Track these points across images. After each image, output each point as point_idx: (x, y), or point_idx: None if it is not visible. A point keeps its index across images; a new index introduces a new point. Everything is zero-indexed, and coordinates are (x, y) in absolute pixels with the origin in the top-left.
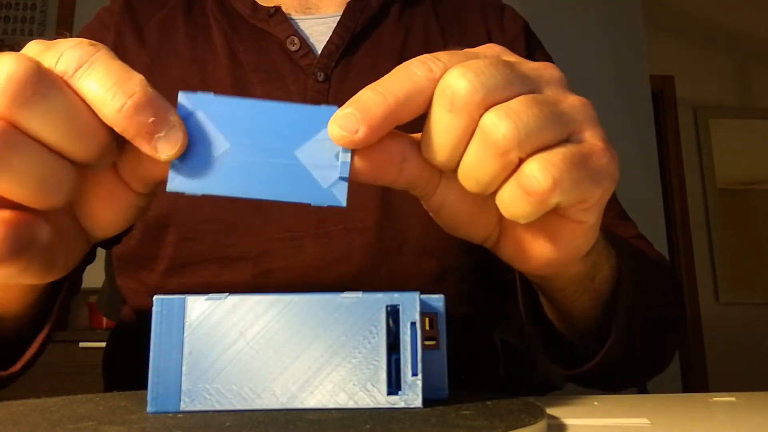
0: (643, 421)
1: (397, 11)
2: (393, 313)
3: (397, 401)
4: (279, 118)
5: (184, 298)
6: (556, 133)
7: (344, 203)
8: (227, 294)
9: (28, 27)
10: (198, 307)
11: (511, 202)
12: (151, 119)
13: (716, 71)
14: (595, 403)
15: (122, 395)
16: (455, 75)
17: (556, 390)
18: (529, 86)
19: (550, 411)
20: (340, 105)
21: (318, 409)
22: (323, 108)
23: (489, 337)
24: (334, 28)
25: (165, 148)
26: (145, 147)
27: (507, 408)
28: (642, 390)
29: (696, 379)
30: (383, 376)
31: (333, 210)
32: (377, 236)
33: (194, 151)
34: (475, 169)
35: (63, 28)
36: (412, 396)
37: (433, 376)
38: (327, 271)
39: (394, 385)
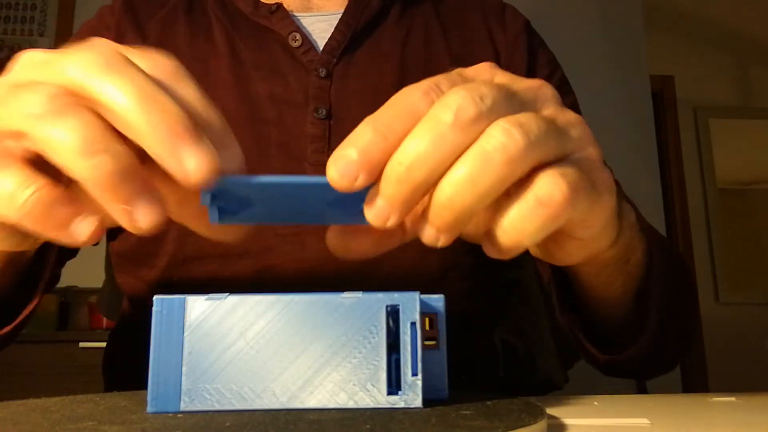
0: (643, 421)
1: (397, 11)
2: (393, 313)
3: (397, 401)
4: (298, 190)
5: (184, 298)
6: (559, 147)
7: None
8: (227, 294)
9: (28, 27)
10: (198, 307)
11: (522, 217)
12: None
13: (716, 71)
14: (595, 403)
15: (122, 395)
16: (456, 96)
17: (556, 390)
18: (526, 107)
19: (550, 411)
20: (342, 103)
21: (318, 409)
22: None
23: (489, 337)
24: (335, 25)
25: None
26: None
27: (507, 408)
28: (642, 390)
29: (696, 379)
30: (383, 376)
31: None
32: None
33: (226, 209)
34: (472, 182)
35: (63, 29)
36: (412, 396)
37: (433, 376)
38: (328, 268)
39: (394, 385)
